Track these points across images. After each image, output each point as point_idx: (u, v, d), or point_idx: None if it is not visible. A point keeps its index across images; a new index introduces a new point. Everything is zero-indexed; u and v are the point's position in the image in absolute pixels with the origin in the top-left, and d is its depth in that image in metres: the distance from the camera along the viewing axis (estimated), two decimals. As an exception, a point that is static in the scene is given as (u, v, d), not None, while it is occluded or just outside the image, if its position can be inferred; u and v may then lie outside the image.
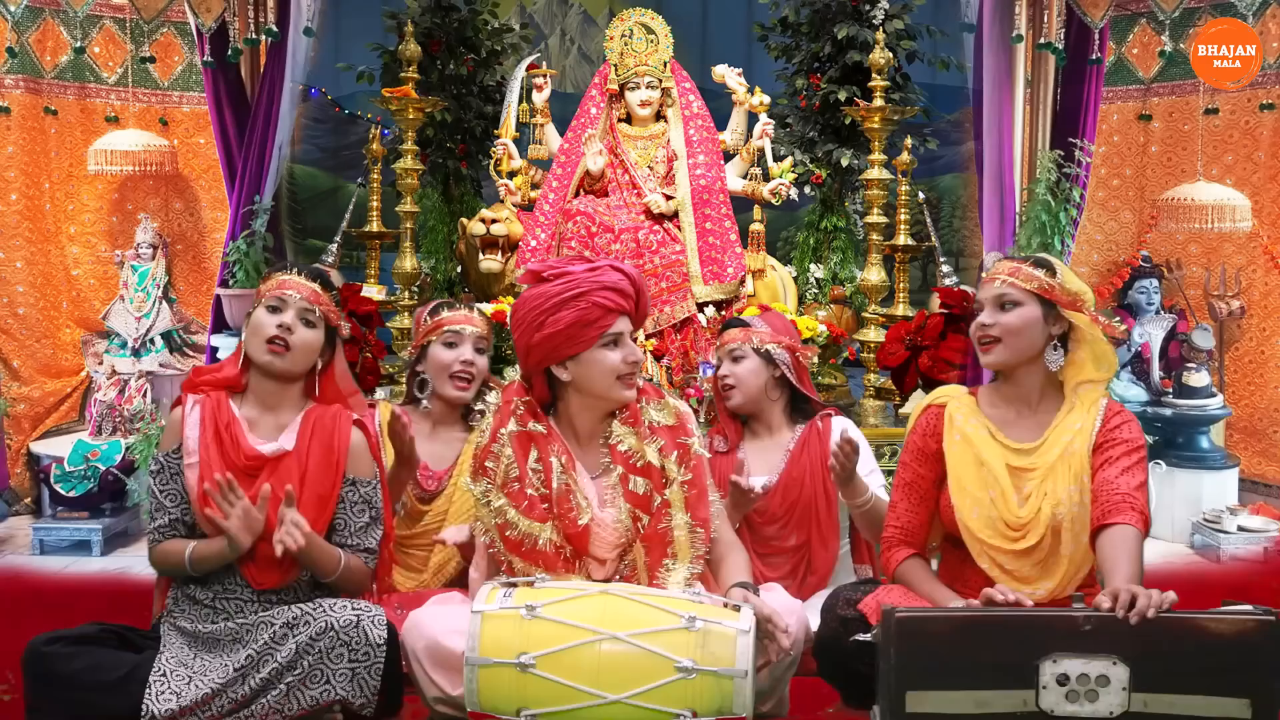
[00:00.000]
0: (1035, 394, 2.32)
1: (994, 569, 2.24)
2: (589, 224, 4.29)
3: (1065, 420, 2.28)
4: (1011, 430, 2.31)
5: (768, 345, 3.09)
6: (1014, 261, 2.32)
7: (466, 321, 2.94)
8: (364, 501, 2.40)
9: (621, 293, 2.25)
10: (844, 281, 5.34)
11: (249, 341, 2.37)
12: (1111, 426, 2.25)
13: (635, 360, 2.25)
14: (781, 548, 2.98)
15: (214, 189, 5.48)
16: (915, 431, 2.40)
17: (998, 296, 2.29)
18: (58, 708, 2.19)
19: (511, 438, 2.28)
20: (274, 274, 2.42)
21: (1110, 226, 5.51)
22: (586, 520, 2.25)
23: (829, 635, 2.33)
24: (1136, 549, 2.08)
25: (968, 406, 2.35)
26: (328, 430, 2.38)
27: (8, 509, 4.71)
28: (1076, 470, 2.22)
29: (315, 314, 2.38)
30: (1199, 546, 4.43)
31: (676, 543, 2.25)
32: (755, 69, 5.34)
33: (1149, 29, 5.33)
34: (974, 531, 2.26)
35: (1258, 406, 5.10)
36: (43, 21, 5.21)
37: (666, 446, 2.28)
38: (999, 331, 2.27)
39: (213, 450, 2.32)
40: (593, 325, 2.22)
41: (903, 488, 2.40)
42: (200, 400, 2.37)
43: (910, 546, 2.39)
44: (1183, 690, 1.82)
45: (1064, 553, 2.20)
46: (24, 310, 5.16)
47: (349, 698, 2.18)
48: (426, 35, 5.19)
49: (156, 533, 2.35)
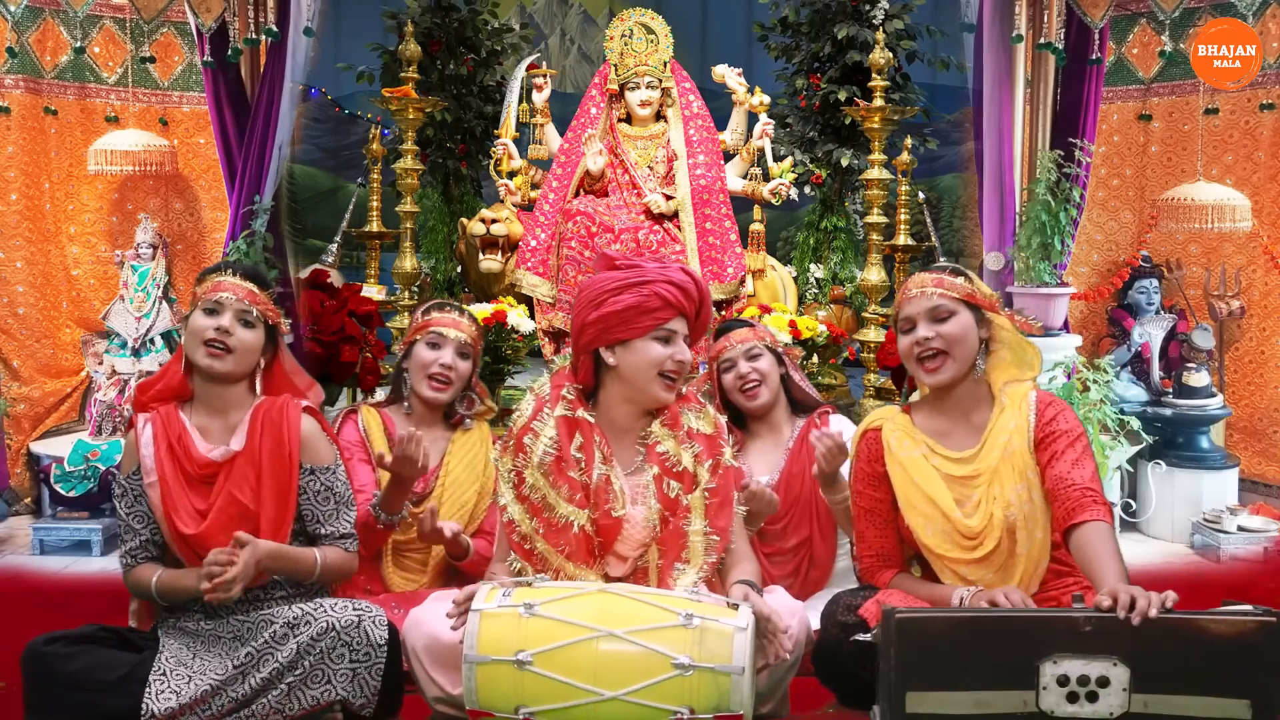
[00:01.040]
0: (969, 401, 2.32)
1: (956, 581, 2.24)
2: (589, 224, 4.30)
3: (999, 421, 2.27)
4: (949, 441, 2.31)
5: (774, 344, 3.16)
6: (933, 273, 2.31)
7: (453, 325, 2.91)
8: (326, 489, 2.38)
9: (685, 292, 2.27)
10: (844, 281, 5.34)
11: (188, 345, 2.36)
12: (1047, 420, 2.24)
13: (682, 360, 2.26)
14: (784, 547, 3.00)
15: (214, 189, 5.48)
16: (859, 459, 2.39)
17: (933, 309, 2.27)
18: (57, 708, 2.19)
19: (559, 421, 2.27)
20: (209, 275, 2.39)
21: (1110, 226, 5.51)
22: (622, 513, 2.25)
23: (829, 641, 2.32)
24: (1114, 543, 2.09)
25: (903, 426, 2.35)
26: (276, 424, 2.35)
27: (8, 509, 4.71)
28: (1020, 468, 2.22)
29: (253, 314, 2.36)
30: (1199, 546, 4.43)
31: (690, 548, 2.25)
32: (755, 69, 5.34)
33: (1149, 29, 5.33)
34: (931, 548, 2.27)
35: (1258, 406, 5.10)
36: (43, 21, 5.21)
37: (703, 454, 2.29)
38: (943, 344, 2.25)
39: (167, 465, 2.31)
40: (649, 314, 2.24)
41: (865, 515, 2.40)
42: (150, 418, 2.36)
43: (891, 567, 2.39)
44: (1183, 691, 1.82)
45: (1020, 552, 2.21)
46: (24, 310, 5.16)
47: (349, 698, 2.19)
48: (426, 35, 5.19)
49: (129, 556, 2.35)
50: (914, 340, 2.28)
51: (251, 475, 2.31)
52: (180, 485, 2.30)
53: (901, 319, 2.33)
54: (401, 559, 2.84)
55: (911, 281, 2.33)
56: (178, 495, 2.29)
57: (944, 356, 2.26)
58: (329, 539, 2.37)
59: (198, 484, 2.31)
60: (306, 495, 2.37)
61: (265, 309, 2.39)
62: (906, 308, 2.31)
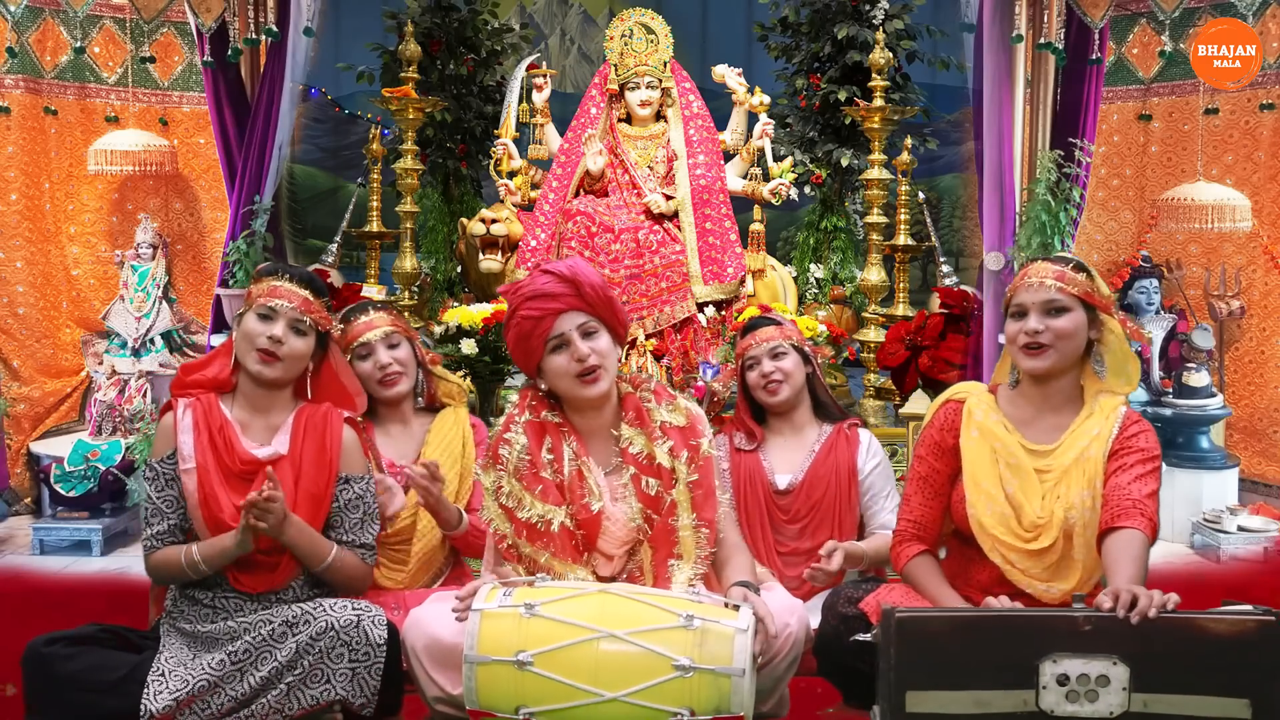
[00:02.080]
0: (1059, 398, 2.31)
1: (1006, 566, 2.23)
2: (589, 224, 4.30)
3: (1083, 425, 2.27)
4: (1028, 431, 2.30)
5: (802, 343, 3.12)
6: (1055, 265, 2.28)
7: (367, 328, 2.87)
8: (357, 498, 2.41)
9: (546, 295, 2.23)
10: (844, 281, 5.35)
11: (239, 346, 2.37)
12: (1128, 435, 2.24)
13: (581, 358, 2.22)
14: (800, 547, 2.98)
15: (214, 189, 5.48)
16: (932, 426, 2.38)
17: (1047, 302, 2.24)
18: (57, 708, 2.19)
19: (526, 426, 2.29)
20: (265, 277, 2.39)
21: (1110, 226, 5.51)
22: (599, 507, 2.25)
23: (829, 633, 2.33)
24: (1141, 553, 2.08)
25: (987, 403, 2.34)
26: (319, 430, 2.38)
27: (8, 509, 4.71)
28: (1090, 475, 2.21)
29: (306, 323, 2.37)
30: (1199, 546, 4.43)
31: (682, 543, 2.25)
32: (755, 69, 5.34)
33: (1149, 29, 5.33)
34: (987, 528, 2.25)
35: (1258, 406, 5.09)
36: (43, 21, 5.21)
37: (677, 447, 2.28)
38: (1050, 338, 2.23)
39: (209, 455, 2.31)
40: (531, 338, 2.24)
41: (917, 481, 2.39)
42: (190, 404, 2.36)
43: (922, 542, 2.38)
44: (1183, 690, 1.82)
45: (1077, 557, 2.20)
46: (24, 310, 5.16)
47: (349, 697, 2.19)
48: (426, 35, 5.20)
49: (155, 539, 2.33)
50: (1022, 329, 2.26)
51: (290, 478, 2.33)
52: (219, 478, 2.30)
53: (1014, 304, 2.30)
54: (385, 553, 2.83)
55: (1032, 269, 2.30)
56: (217, 486, 2.30)
57: (1048, 350, 2.24)
58: (349, 546, 2.39)
59: (236, 479, 2.32)
60: (337, 503, 2.39)
61: (319, 317, 2.40)
62: (1022, 294, 2.28)
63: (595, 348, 2.24)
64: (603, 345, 2.25)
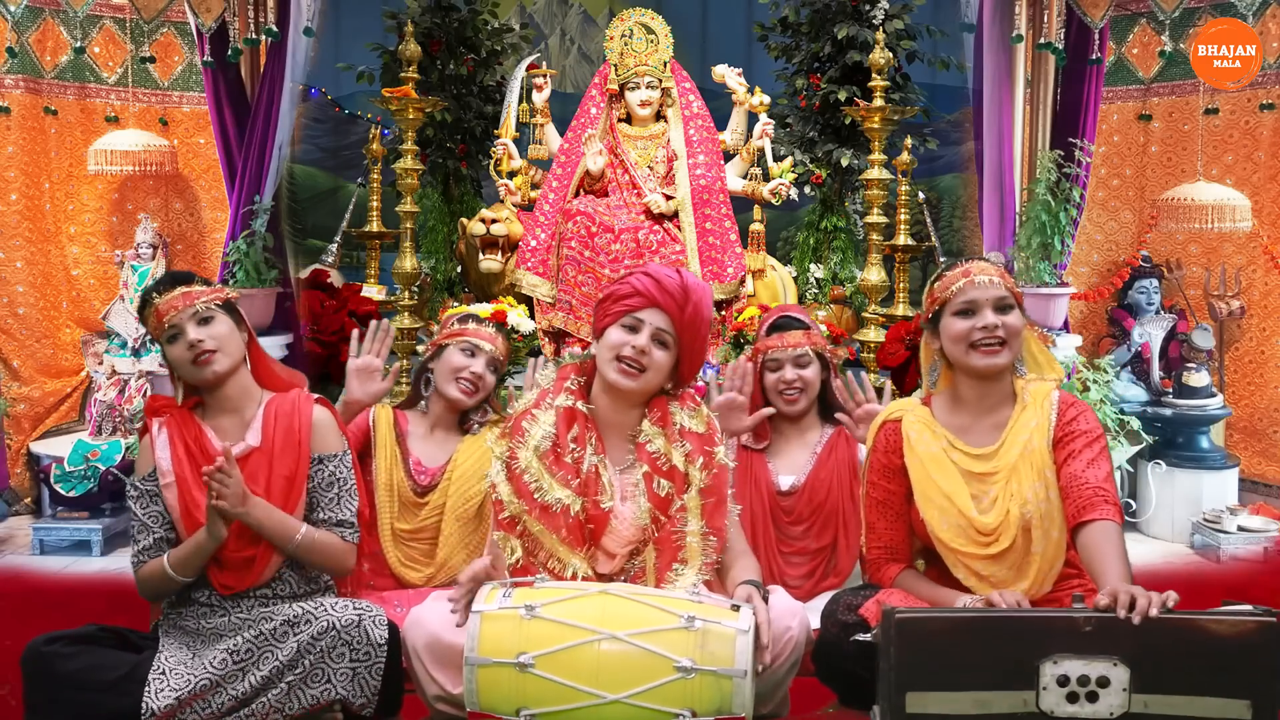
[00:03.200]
0: (996, 396, 2.32)
1: (970, 577, 2.24)
2: (589, 224, 4.30)
3: (1020, 419, 2.28)
4: (969, 436, 2.31)
5: (824, 348, 3.11)
6: (990, 264, 2.32)
7: (490, 340, 3.00)
8: (330, 474, 2.41)
9: (660, 285, 2.26)
10: (844, 281, 5.34)
11: (181, 374, 2.40)
12: (1068, 419, 2.25)
13: (637, 346, 2.24)
14: (805, 548, 2.98)
15: (214, 189, 5.48)
16: (876, 450, 2.39)
17: (999, 299, 2.27)
18: (57, 708, 2.19)
19: (559, 410, 2.29)
20: (146, 309, 2.39)
21: (1110, 226, 5.51)
22: (610, 505, 2.26)
23: (829, 640, 2.33)
24: (1121, 544, 2.09)
25: (923, 419, 2.35)
26: (288, 416, 2.40)
27: (8, 509, 4.71)
28: (1039, 467, 2.22)
29: (204, 308, 2.37)
30: (1199, 546, 4.43)
31: (688, 549, 2.25)
32: (755, 69, 5.34)
33: (1149, 29, 5.33)
34: (946, 542, 2.26)
35: (1258, 406, 5.10)
36: (43, 21, 5.21)
37: (693, 452, 2.29)
38: (1005, 333, 2.26)
39: (186, 465, 2.33)
40: (620, 300, 2.28)
41: (877, 507, 2.39)
42: (164, 421, 2.39)
43: (898, 562, 2.39)
44: (1183, 691, 1.82)
45: (1035, 551, 2.21)
46: (24, 310, 5.16)
47: (349, 697, 2.19)
48: (426, 35, 5.19)
49: (142, 554, 2.35)
50: (977, 325, 2.26)
51: (264, 466, 2.34)
52: (199, 485, 2.30)
53: (959, 302, 2.29)
54: (405, 547, 2.86)
55: (974, 267, 2.30)
56: (197, 494, 2.31)
57: (1003, 346, 2.26)
58: (325, 524, 2.39)
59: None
60: (312, 483, 2.40)
61: (211, 296, 2.39)
62: (971, 292, 2.28)
63: (655, 353, 2.26)
64: (660, 358, 2.27)
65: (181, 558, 2.29)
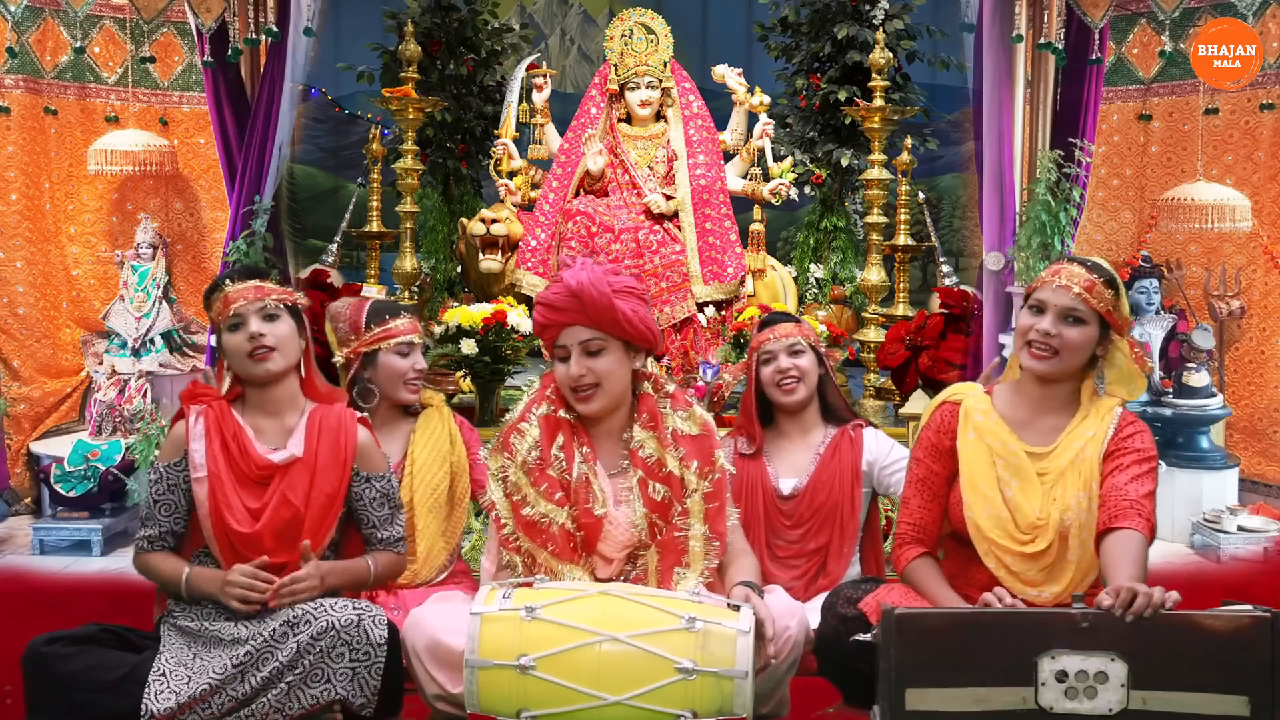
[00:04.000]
0: (1057, 400, 2.30)
1: (1000, 569, 2.23)
2: (589, 224, 4.30)
3: (1079, 427, 2.26)
4: (1025, 433, 2.29)
5: (817, 344, 3.09)
6: (1089, 273, 2.23)
7: (413, 329, 2.91)
8: (382, 495, 2.46)
9: (552, 306, 2.24)
10: (844, 281, 5.35)
11: (233, 364, 2.39)
12: (1124, 435, 2.23)
13: (574, 376, 2.22)
14: (800, 550, 2.96)
15: (214, 189, 5.48)
16: (929, 428, 2.37)
17: (1068, 309, 2.21)
18: (58, 708, 2.19)
19: (541, 420, 2.29)
20: (214, 294, 2.40)
21: (1110, 226, 5.51)
22: (602, 512, 2.25)
23: (829, 633, 2.33)
24: (1139, 552, 2.08)
25: (984, 405, 2.33)
26: (334, 431, 2.40)
27: (8, 509, 4.71)
28: (1086, 477, 2.21)
29: (272, 305, 2.37)
30: (1199, 546, 4.43)
31: (691, 553, 2.25)
32: (755, 69, 5.35)
33: (1149, 29, 5.33)
34: (983, 531, 2.24)
35: (1258, 406, 5.09)
36: (43, 21, 5.21)
37: (688, 456, 2.27)
38: (1060, 344, 2.21)
39: (221, 462, 2.32)
40: (542, 334, 2.30)
41: (916, 484, 2.38)
42: (202, 411, 2.37)
43: (921, 544, 2.37)
44: (1181, 687, 1.82)
45: (1071, 559, 2.20)
46: (24, 310, 5.16)
47: (349, 697, 2.19)
48: (426, 35, 5.20)
49: (145, 541, 2.36)
50: (1035, 326, 2.23)
51: (305, 479, 2.35)
52: (232, 484, 2.31)
53: (1034, 298, 2.26)
54: None
55: (1064, 270, 2.24)
56: (230, 493, 2.31)
57: (1054, 356, 2.23)
58: (384, 543, 2.46)
59: (251, 484, 2.33)
60: (363, 502, 2.44)
61: (280, 296, 2.40)
62: (1044, 292, 2.24)
63: (593, 366, 2.22)
64: (603, 365, 2.23)
65: (199, 586, 2.30)
